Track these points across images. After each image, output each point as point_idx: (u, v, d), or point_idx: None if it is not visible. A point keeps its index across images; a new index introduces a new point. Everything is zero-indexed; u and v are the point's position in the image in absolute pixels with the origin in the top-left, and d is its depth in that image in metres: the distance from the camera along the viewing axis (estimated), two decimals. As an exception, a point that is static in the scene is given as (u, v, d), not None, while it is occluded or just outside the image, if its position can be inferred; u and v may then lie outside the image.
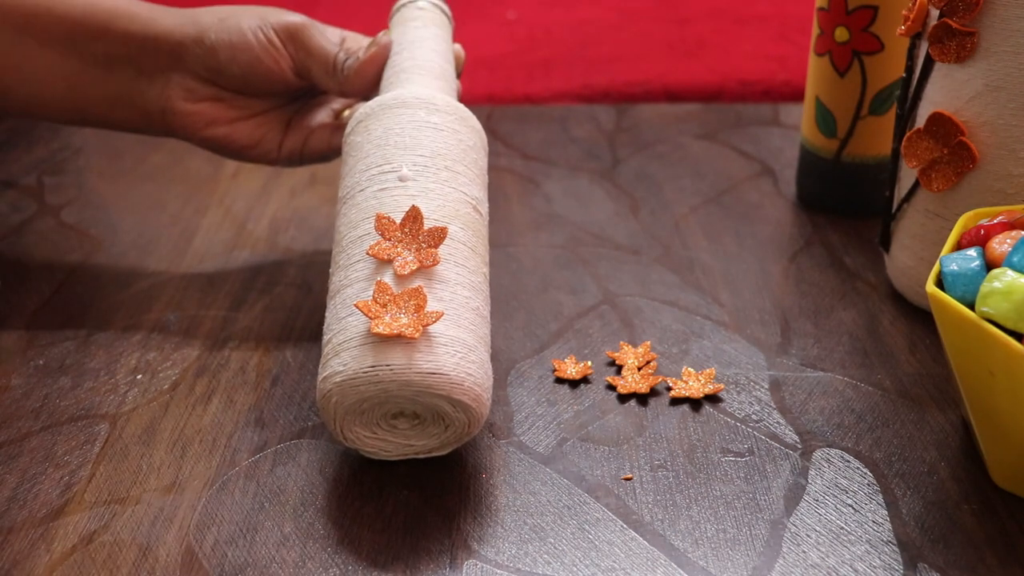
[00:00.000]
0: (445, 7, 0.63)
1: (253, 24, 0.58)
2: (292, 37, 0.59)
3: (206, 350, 0.56)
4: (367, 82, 0.59)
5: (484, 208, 0.51)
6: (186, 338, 0.57)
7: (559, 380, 0.53)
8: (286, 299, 0.61)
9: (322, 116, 0.64)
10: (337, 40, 0.62)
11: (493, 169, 0.77)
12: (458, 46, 0.63)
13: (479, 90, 0.93)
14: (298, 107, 0.64)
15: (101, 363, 0.55)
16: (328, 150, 0.63)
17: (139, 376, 0.54)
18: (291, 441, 0.49)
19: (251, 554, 0.43)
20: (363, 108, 0.53)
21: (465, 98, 0.92)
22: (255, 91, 0.60)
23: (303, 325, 0.58)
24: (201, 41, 0.58)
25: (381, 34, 0.60)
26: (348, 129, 0.53)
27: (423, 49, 0.58)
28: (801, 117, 0.72)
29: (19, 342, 0.57)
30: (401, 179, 0.48)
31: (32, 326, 0.58)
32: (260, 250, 0.66)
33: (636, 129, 0.84)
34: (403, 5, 0.62)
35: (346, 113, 0.65)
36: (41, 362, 0.55)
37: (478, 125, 0.54)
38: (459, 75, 0.62)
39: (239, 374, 0.54)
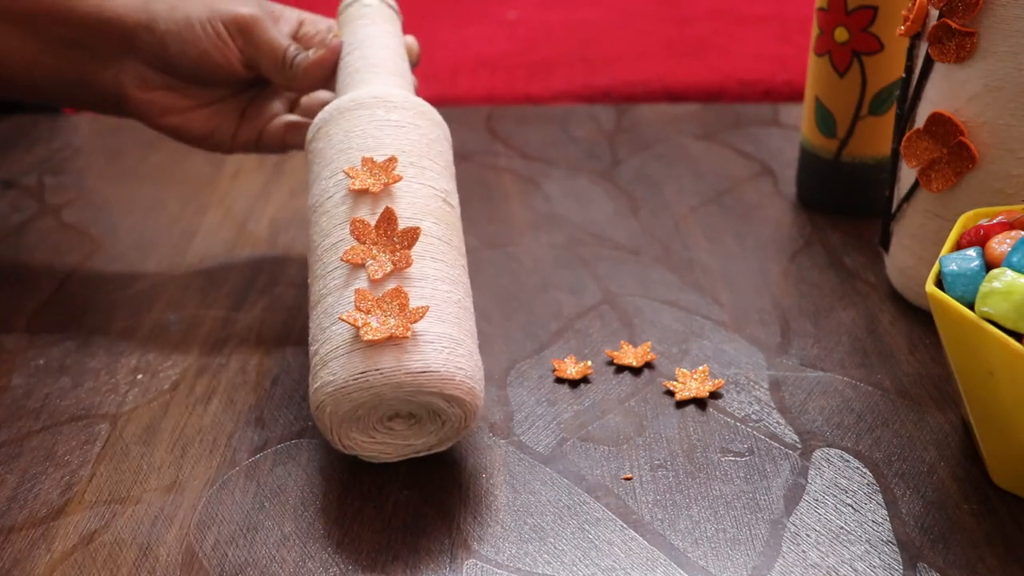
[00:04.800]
0: (392, 2, 0.62)
1: (202, 16, 0.58)
2: (241, 31, 0.58)
3: (206, 350, 0.56)
4: (316, 83, 0.59)
5: (454, 200, 0.51)
6: (186, 338, 0.57)
7: (559, 380, 0.53)
8: (286, 299, 0.61)
9: (277, 106, 0.64)
10: (294, 23, 0.61)
11: (493, 169, 0.77)
12: (411, 38, 0.62)
13: (479, 90, 0.93)
14: (253, 95, 0.63)
15: (101, 363, 0.55)
16: (282, 149, 0.63)
17: (139, 376, 0.54)
18: (291, 441, 0.49)
19: (251, 554, 0.43)
20: (321, 114, 0.53)
21: (465, 98, 0.92)
22: (205, 81, 0.60)
23: (303, 325, 0.58)
24: (151, 29, 0.58)
25: (330, 35, 0.59)
26: (309, 136, 0.53)
27: (374, 47, 0.57)
28: (801, 117, 0.72)
29: (19, 342, 0.57)
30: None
31: (32, 326, 0.58)
32: (260, 250, 0.66)
33: (636, 129, 0.84)
34: (349, 4, 0.61)
35: (303, 100, 0.65)
36: (41, 362, 0.55)
37: (439, 117, 0.54)
38: (414, 67, 0.62)
39: (239, 374, 0.54)
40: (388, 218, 0.46)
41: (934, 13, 0.54)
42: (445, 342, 0.44)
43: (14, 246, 0.67)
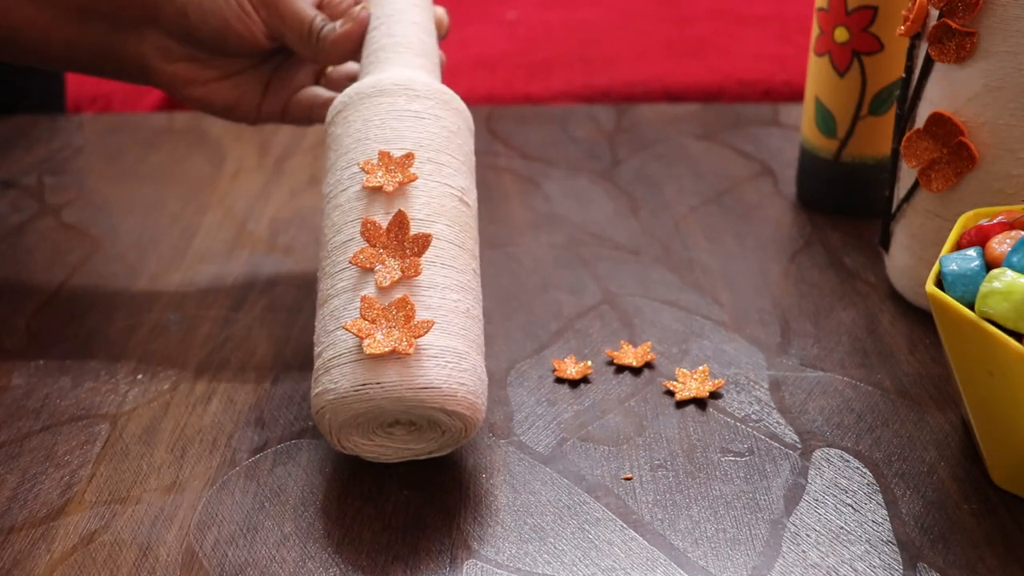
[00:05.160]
0: None
1: None
2: (264, 2, 0.57)
3: (206, 350, 0.56)
4: (343, 56, 0.58)
5: (471, 197, 0.50)
6: (186, 338, 0.57)
7: (559, 380, 0.53)
8: (286, 299, 0.61)
9: (302, 77, 0.63)
10: None
11: (493, 169, 0.77)
12: (440, 10, 0.61)
13: (479, 90, 0.93)
14: (276, 64, 0.62)
15: (101, 363, 0.55)
16: (308, 121, 0.63)
17: (139, 376, 0.54)
18: (291, 441, 0.49)
19: (251, 554, 0.43)
20: (341, 96, 0.52)
21: (465, 98, 0.92)
22: (227, 52, 0.59)
23: (303, 325, 0.58)
24: (172, 0, 0.57)
25: (358, 7, 0.58)
26: (328, 118, 0.53)
27: (401, 23, 0.56)
28: (801, 117, 0.72)
29: (19, 342, 0.57)
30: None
31: (32, 326, 0.58)
32: (260, 250, 0.66)
33: (636, 129, 0.84)
34: None
35: (330, 71, 0.64)
36: (41, 362, 0.55)
37: (462, 106, 0.53)
38: (442, 40, 0.60)
39: (239, 374, 0.54)
40: (400, 222, 0.45)
41: (934, 13, 0.54)
42: (449, 356, 0.43)
43: (14, 246, 0.67)
